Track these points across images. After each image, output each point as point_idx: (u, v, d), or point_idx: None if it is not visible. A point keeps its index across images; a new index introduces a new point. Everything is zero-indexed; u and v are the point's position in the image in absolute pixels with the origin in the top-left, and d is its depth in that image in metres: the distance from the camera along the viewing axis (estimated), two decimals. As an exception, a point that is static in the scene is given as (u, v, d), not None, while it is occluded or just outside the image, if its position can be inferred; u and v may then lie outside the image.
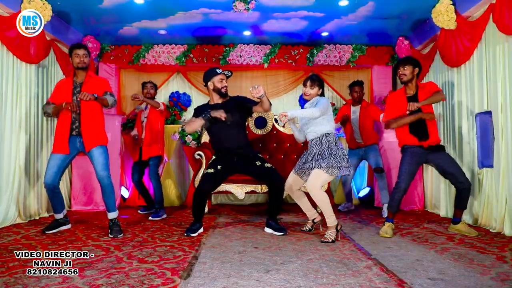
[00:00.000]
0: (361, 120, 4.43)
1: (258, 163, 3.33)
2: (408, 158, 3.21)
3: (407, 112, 3.19)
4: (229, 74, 3.41)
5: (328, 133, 3.07)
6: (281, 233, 3.18)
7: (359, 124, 4.44)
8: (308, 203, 3.35)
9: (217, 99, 3.44)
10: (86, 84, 3.22)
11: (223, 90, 3.37)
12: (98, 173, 3.19)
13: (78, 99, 3.10)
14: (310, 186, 2.98)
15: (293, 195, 3.32)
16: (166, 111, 4.50)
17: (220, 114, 3.15)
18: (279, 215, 3.78)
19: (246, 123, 4.26)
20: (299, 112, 3.02)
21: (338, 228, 3.04)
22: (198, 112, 3.39)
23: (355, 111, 4.53)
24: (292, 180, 3.28)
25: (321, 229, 3.34)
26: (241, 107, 3.40)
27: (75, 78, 3.27)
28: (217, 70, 3.38)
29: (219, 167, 3.29)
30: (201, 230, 3.30)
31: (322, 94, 3.23)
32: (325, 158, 2.97)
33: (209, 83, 3.40)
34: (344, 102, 5.48)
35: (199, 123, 3.17)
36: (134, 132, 4.46)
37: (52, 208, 3.35)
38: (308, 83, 3.15)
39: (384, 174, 4.35)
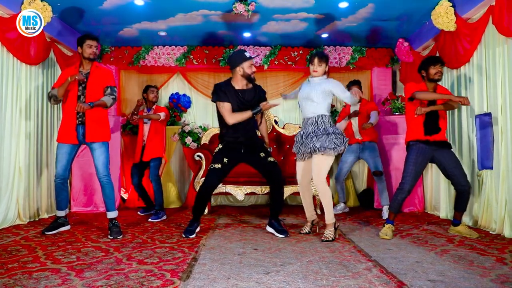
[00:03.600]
0: (361, 117, 4.42)
1: (262, 154, 3.31)
2: (413, 158, 3.16)
3: (415, 115, 3.16)
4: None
5: (323, 115, 3.11)
6: (283, 235, 3.17)
7: (359, 121, 4.44)
8: (312, 202, 3.37)
9: (243, 85, 3.25)
10: (92, 75, 3.23)
11: (252, 76, 3.24)
12: (98, 171, 3.20)
13: (77, 110, 3.05)
14: (316, 177, 3.04)
15: (301, 189, 3.32)
16: (168, 115, 4.51)
17: (274, 104, 3.17)
18: (281, 215, 3.75)
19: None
20: (348, 96, 3.11)
21: (336, 226, 3.08)
22: (226, 94, 3.19)
23: (355, 109, 4.51)
24: (301, 173, 3.28)
25: (318, 231, 3.34)
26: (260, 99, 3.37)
27: (81, 68, 3.27)
28: (246, 54, 3.18)
29: (225, 160, 3.22)
30: (198, 229, 3.28)
31: (327, 72, 3.22)
32: (320, 137, 3.02)
33: (238, 68, 3.18)
34: (343, 104, 5.49)
35: (247, 116, 3.16)
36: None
37: (56, 204, 3.35)
38: (316, 60, 3.13)
39: (383, 177, 4.34)
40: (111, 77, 3.33)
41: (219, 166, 3.21)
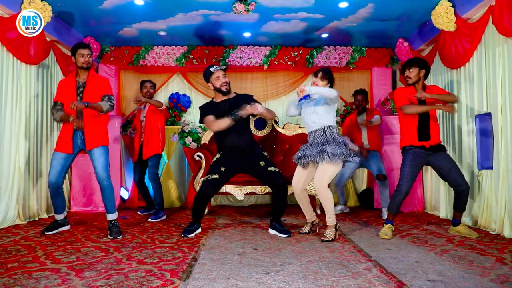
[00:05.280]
0: (368, 127, 4.40)
1: (262, 163, 3.29)
2: (409, 160, 3.18)
3: (415, 97, 3.16)
4: (223, 67, 3.33)
5: (331, 126, 3.12)
6: (286, 235, 3.17)
7: (367, 130, 4.42)
8: (310, 204, 3.36)
9: (221, 97, 3.36)
10: (89, 84, 3.22)
11: (223, 89, 3.29)
12: (98, 174, 3.19)
13: (72, 108, 3.02)
14: (318, 183, 3.02)
15: (297, 196, 3.30)
16: (166, 112, 4.51)
17: (248, 109, 3.07)
18: (283, 216, 3.77)
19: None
20: (318, 89, 3.02)
21: (337, 227, 3.08)
22: (207, 110, 3.31)
23: (361, 120, 4.49)
24: (296, 181, 3.26)
25: (318, 231, 3.34)
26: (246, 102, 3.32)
27: (77, 78, 3.27)
28: (211, 69, 3.29)
29: (222, 169, 3.23)
30: (199, 230, 3.30)
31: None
32: (331, 144, 3.02)
33: (209, 84, 3.37)
34: (343, 104, 5.49)
35: (227, 123, 3.13)
36: (131, 129, 4.45)
37: (53, 208, 3.34)
38: (320, 74, 3.19)
39: (387, 181, 4.30)
40: (108, 86, 3.32)
41: (216, 176, 3.21)
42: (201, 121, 3.37)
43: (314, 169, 3.19)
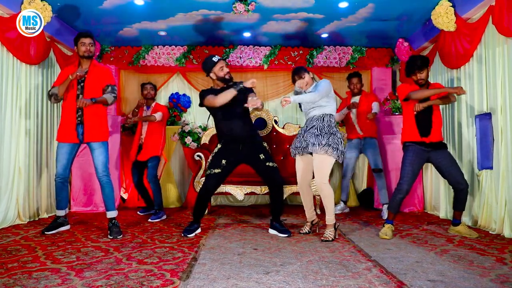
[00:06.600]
0: (361, 110, 4.42)
1: (261, 156, 3.28)
2: (410, 159, 3.18)
3: (414, 113, 3.19)
4: (224, 58, 3.36)
5: (331, 114, 3.14)
6: (286, 235, 3.17)
7: (358, 113, 4.44)
8: (312, 202, 3.37)
9: (221, 85, 3.33)
10: (91, 73, 3.22)
11: (226, 77, 3.29)
12: (97, 171, 3.21)
13: (79, 105, 3.09)
14: (319, 180, 3.03)
15: (300, 189, 3.30)
16: (167, 112, 4.50)
17: (252, 82, 3.04)
18: (283, 216, 3.77)
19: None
20: (301, 97, 3.06)
21: (336, 226, 3.09)
22: (205, 92, 3.30)
23: (354, 102, 4.50)
24: (300, 174, 3.26)
25: (318, 231, 3.34)
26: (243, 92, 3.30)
27: (79, 68, 3.25)
28: (213, 59, 3.28)
29: (223, 162, 3.21)
30: (199, 230, 3.31)
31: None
32: (324, 135, 3.03)
33: (211, 74, 3.33)
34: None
35: (232, 93, 3.08)
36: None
37: (56, 203, 3.36)
38: (296, 77, 3.21)
39: (383, 174, 4.35)
40: (110, 76, 3.33)
41: (219, 170, 3.20)
42: (201, 103, 3.31)
43: (311, 159, 3.19)
